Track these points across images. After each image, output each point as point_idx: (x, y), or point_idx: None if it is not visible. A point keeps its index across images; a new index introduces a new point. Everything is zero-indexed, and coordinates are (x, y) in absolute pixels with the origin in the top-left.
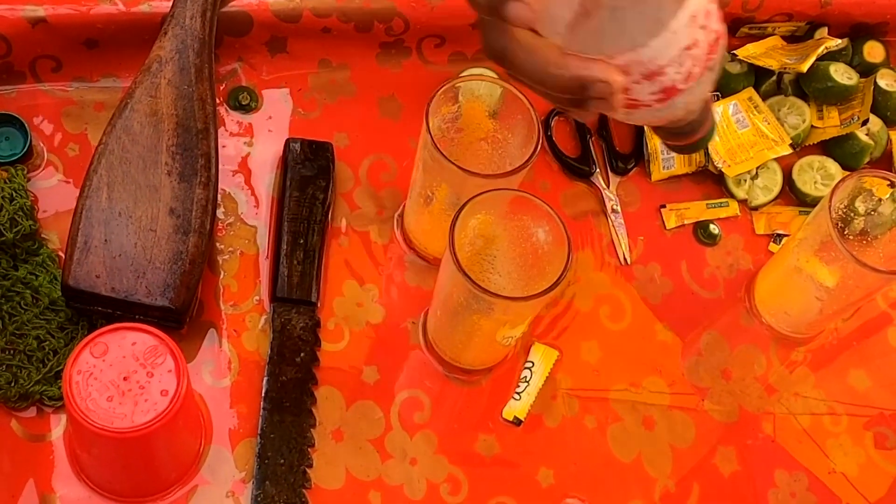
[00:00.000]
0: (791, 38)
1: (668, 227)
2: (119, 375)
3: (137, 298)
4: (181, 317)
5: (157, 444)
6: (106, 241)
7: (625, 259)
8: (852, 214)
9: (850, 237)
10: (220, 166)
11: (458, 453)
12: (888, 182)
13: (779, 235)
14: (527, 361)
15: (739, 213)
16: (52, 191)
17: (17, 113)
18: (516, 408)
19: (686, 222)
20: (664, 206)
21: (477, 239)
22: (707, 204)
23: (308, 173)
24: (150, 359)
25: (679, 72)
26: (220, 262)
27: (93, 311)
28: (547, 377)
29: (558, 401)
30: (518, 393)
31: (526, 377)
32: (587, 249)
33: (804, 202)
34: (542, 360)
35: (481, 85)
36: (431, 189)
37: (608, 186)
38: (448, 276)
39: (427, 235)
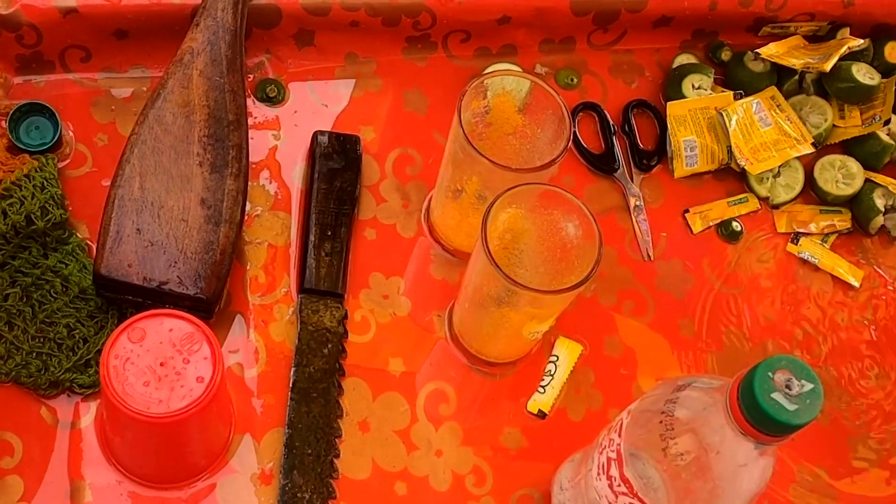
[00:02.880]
0: (813, 38)
1: (694, 232)
2: (156, 361)
3: (169, 288)
4: (211, 307)
5: (191, 430)
6: (138, 230)
7: (648, 255)
8: (871, 213)
9: (872, 233)
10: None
11: (483, 445)
12: None
13: (797, 234)
14: (551, 355)
15: (760, 208)
16: (81, 180)
17: (47, 102)
18: (541, 401)
19: (711, 223)
20: (687, 212)
21: (506, 233)
22: (728, 202)
23: (336, 166)
24: (187, 345)
25: None
26: (248, 253)
27: (123, 299)
28: (571, 371)
29: (582, 394)
30: (542, 386)
31: (550, 371)
32: (611, 245)
33: (825, 201)
34: (566, 353)
35: (511, 80)
36: (461, 183)
37: (632, 183)
38: (478, 269)
39: (453, 229)
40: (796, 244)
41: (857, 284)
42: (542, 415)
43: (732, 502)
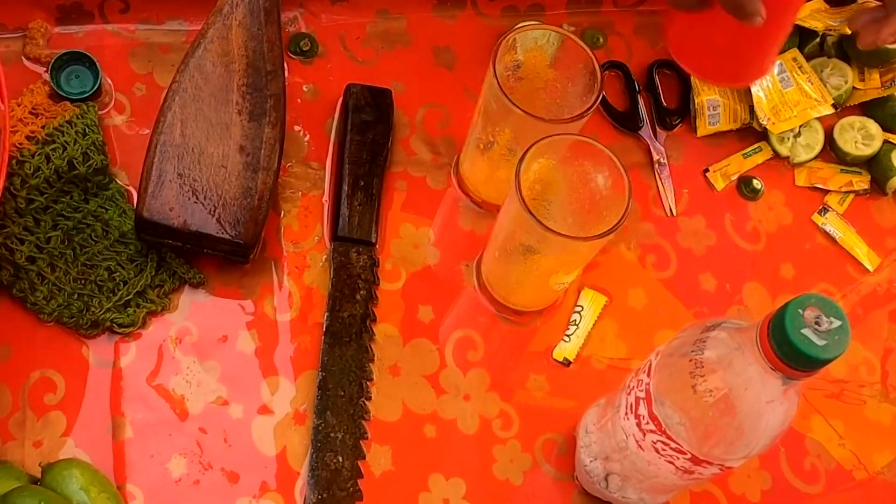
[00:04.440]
0: (834, 2)
1: (718, 189)
2: None
3: (208, 232)
4: (248, 251)
5: None
6: (179, 175)
7: (671, 210)
8: (889, 173)
9: (889, 193)
10: None
11: (509, 391)
12: None
13: (825, 209)
14: (576, 305)
15: (773, 155)
16: (119, 129)
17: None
18: (566, 349)
19: (732, 178)
20: (707, 171)
21: (536, 184)
22: (743, 154)
23: (368, 118)
24: None
25: None
26: (282, 202)
27: (163, 243)
28: (595, 321)
29: (606, 344)
30: (568, 335)
31: (575, 320)
32: (635, 200)
33: (844, 161)
34: (591, 304)
35: (542, 34)
36: (493, 135)
37: (655, 140)
38: (510, 217)
39: (483, 182)
40: (823, 216)
41: (871, 269)
42: (566, 363)
43: (757, 440)
